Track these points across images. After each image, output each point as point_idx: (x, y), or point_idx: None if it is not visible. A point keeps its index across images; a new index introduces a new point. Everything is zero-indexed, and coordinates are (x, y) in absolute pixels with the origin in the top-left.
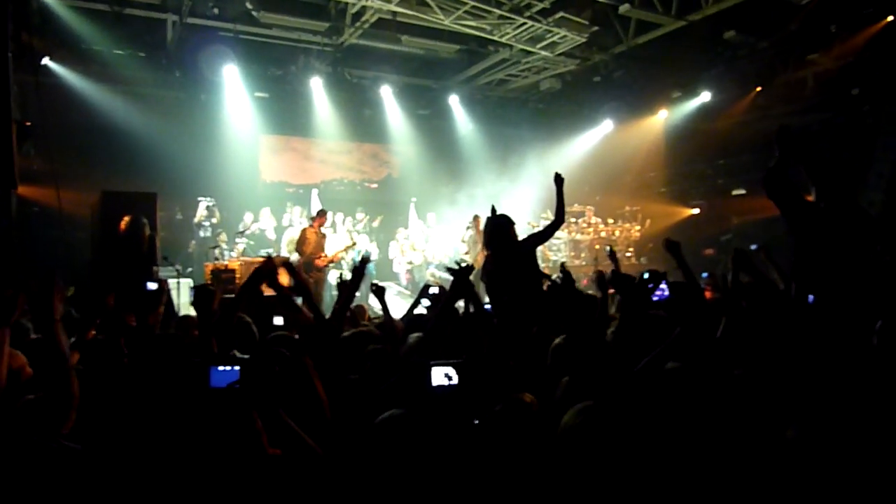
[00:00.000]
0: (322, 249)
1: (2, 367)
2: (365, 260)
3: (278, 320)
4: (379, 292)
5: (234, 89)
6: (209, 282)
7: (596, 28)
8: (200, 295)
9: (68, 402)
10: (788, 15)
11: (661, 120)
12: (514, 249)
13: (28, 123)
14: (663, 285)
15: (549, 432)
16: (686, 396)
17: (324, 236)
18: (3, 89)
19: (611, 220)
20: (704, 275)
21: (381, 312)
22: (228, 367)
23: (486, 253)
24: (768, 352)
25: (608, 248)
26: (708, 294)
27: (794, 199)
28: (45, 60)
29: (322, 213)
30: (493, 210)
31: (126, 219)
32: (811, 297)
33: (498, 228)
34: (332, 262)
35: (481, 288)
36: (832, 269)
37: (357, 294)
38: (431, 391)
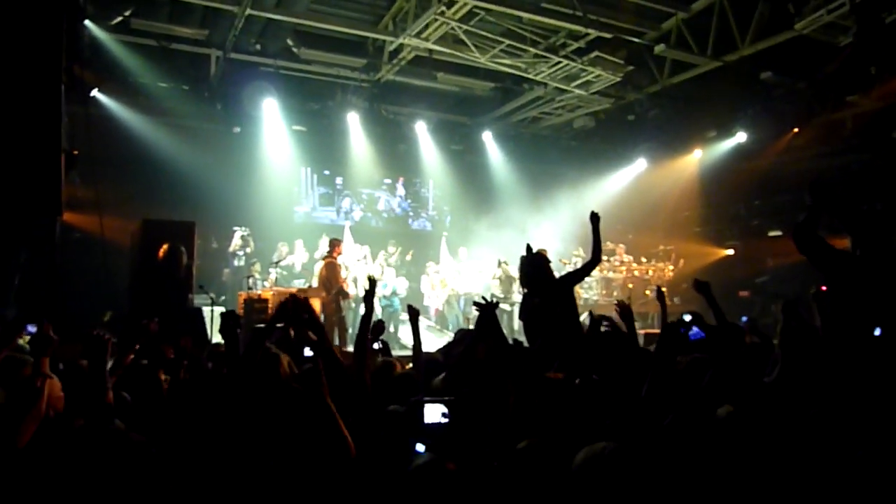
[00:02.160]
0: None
1: (44, 396)
2: (373, 284)
3: (308, 352)
4: (413, 315)
5: (272, 122)
6: (241, 311)
7: (631, 67)
8: (227, 321)
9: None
10: (827, 56)
11: (696, 159)
12: (551, 288)
13: (75, 152)
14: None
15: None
16: (736, 441)
17: (341, 267)
18: (54, 120)
19: (644, 259)
20: (744, 319)
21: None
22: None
23: (523, 291)
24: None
25: (657, 287)
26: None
27: (825, 252)
28: (95, 92)
29: (337, 242)
30: (529, 248)
31: (164, 247)
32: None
33: (534, 267)
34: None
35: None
36: (868, 319)
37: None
38: (424, 428)
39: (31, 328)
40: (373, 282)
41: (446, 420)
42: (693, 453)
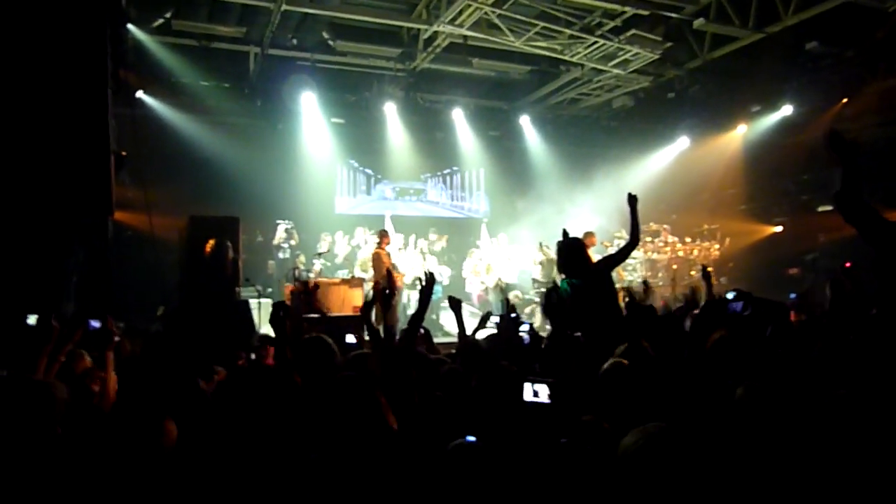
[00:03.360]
0: (394, 269)
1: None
2: (431, 280)
3: (350, 338)
4: (455, 305)
5: (311, 116)
6: (289, 302)
7: (669, 44)
8: (277, 311)
9: None
10: (875, 22)
11: (740, 135)
12: (588, 273)
13: (124, 153)
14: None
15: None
16: (778, 418)
17: (389, 255)
18: (102, 123)
19: (688, 239)
20: (792, 296)
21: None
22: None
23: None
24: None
25: (703, 267)
26: (792, 316)
27: (875, 221)
28: (140, 94)
29: (385, 234)
30: (566, 234)
31: (211, 242)
32: None
33: (572, 251)
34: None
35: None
36: None
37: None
38: (524, 405)
39: (95, 323)
40: (431, 278)
41: (548, 400)
42: (723, 431)
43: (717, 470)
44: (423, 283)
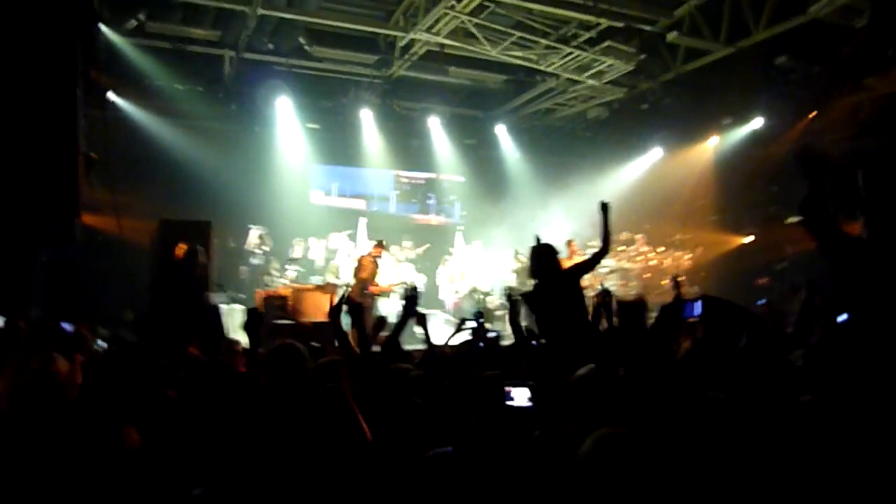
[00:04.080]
0: (375, 278)
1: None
2: (415, 295)
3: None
4: (420, 321)
5: (286, 121)
6: (260, 309)
7: (643, 56)
8: (251, 318)
9: None
10: (842, 39)
11: (712, 147)
12: (559, 278)
13: (93, 155)
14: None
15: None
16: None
17: (377, 266)
18: (71, 124)
19: (661, 248)
20: (760, 302)
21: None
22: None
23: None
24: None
25: (673, 277)
26: None
27: (833, 232)
28: (111, 95)
29: (380, 244)
30: (538, 239)
31: (182, 246)
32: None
33: (543, 258)
34: (383, 292)
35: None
36: (870, 305)
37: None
38: (508, 409)
39: (67, 326)
40: (414, 291)
41: (530, 404)
42: (692, 436)
43: (677, 477)
44: (406, 297)
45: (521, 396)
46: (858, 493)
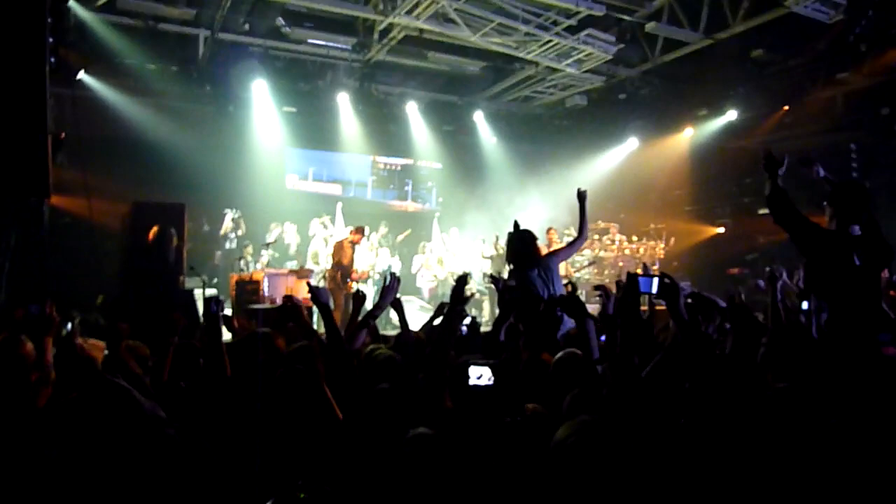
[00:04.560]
0: (353, 263)
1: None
2: (395, 280)
3: None
4: (396, 305)
5: (262, 103)
6: (233, 293)
7: (622, 45)
8: (209, 306)
9: None
10: (818, 33)
11: (687, 138)
12: (537, 265)
13: (62, 135)
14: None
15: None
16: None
17: (354, 251)
18: (40, 102)
19: (635, 238)
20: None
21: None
22: None
23: (509, 268)
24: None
25: (644, 265)
26: None
27: (798, 222)
28: (81, 74)
29: (360, 230)
30: (517, 225)
31: (154, 229)
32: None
33: (521, 244)
34: (361, 278)
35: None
36: (837, 292)
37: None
38: (470, 389)
39: (34, 308)
40: (395, 278)
41: (490, 382)
42: (666, 424)
43: (650, 465)
44: (386, 282)
45: (482, 376)
46: (832, 475)
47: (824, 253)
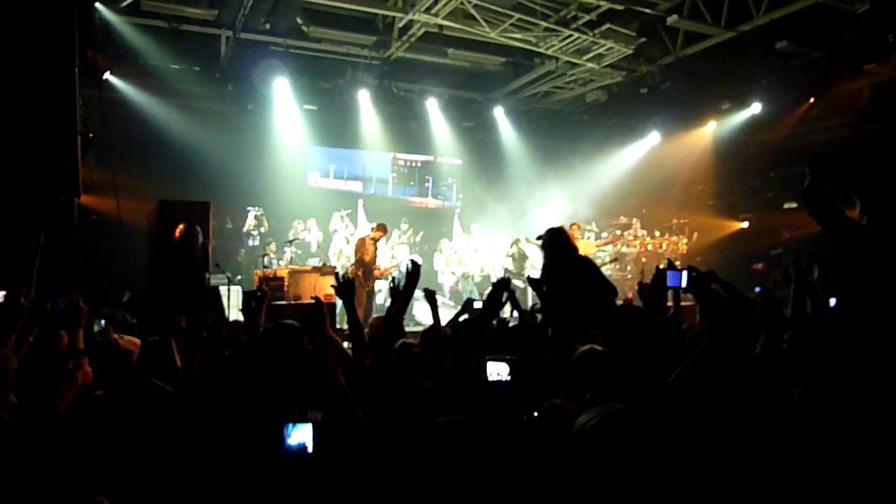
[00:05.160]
0: (375, 260)
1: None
2: (417, 267)
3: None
4: (430, 297)
5: (283, 102)
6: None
7: (643, 39)
8: (248, 300)
9: None
10: (843, 24)
11: (710, 132)
12: (573, 260)
13: (91, 135)
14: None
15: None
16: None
17: (377, 248)
18: (69, 104)
19: (657, 233)
20: (757, 289)
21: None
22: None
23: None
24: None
25: (668, 261)
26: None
27: (835, 216)
28: (107, 75)
29: (381, 227)
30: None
31: (180, 227)
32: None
33: (558, 241)
34: (384, 274)
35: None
36: (871, 288)
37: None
38: (488, 385)
39: (61, 302)
40: (417, 266)
41: (508, 378)
42: (689, 417)
43: (669, 453)
44: (408, 272)
45: (500, 371)
46: (848, 475)
47: (860, 248)
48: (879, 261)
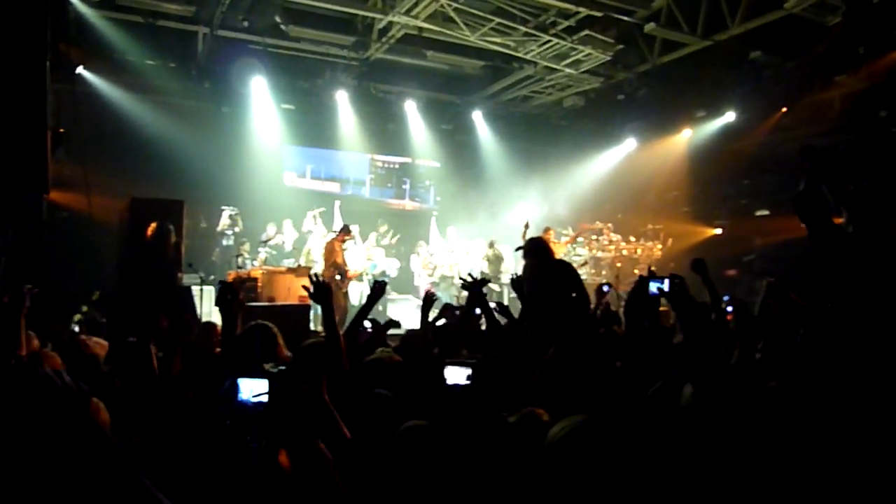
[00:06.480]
0: (346, 263)
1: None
2: (382, 285)
3: None
4: (427, 300)
5: (261, 101)
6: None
7: (621, 46)
8: (224, 293)
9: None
10: (816, 36)
11: (685, 139)
12: (554, 267)
13: (62, 130)
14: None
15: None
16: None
17: (344, 250)
18: (39, 98)
19: (632, 239)
20: (726, 297)
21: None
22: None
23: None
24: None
25: (648, 267)
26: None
27: (824, 223)
28: (80, 69)
29: (346, 230)
30: (527, 242)
31: (153, 225)
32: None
33: (539, 250)
34: (354, 276)
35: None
36: (853, 296)
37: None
38: (447, 389)
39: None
40: (382, 283)
41: (468, 382)
42: (663, 427)
43: (642, 463)
44: (375, 284)
45: (459, 376)
46: (830, 475)
47: (848, 257)
48: (865, 269)
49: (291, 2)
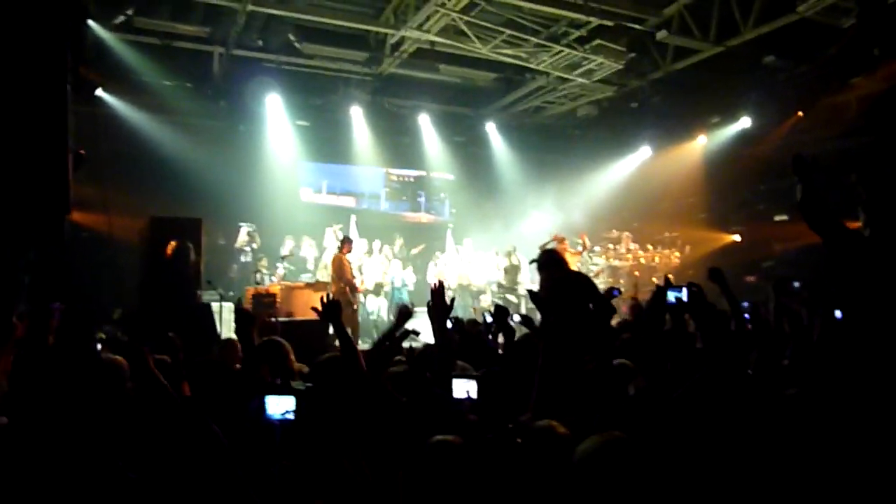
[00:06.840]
0: (354, 277)
1: None
2: (408, 309)
3: None
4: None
5: (276, 118)
6: (248, 305)
7: (633, 55)
8: (241, 319)
9: None
10: (829, 39)
11: (700, 145)
12: (570, 279)
13: (82, 152)
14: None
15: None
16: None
17: (350, 262)
18: (61, 120)
19: (650, 247)
20: (745, 304)
21: None
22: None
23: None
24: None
25: (665, 276)
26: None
27: (835, 228)
28: (99, 91)
29: (347, 240)
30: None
31: (172, 244)
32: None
33: (553, 262)
34: (362, 290)
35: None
36: (871, 299)
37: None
38: (453, 402)
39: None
40: (407, 309)
41: (474, 396)
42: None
43: (671, 480)
44: (400, 312)
45: (465, 389)
46: (849, 485)
47: (864, 260)
48: (885, 273)
49: (304, 20)
